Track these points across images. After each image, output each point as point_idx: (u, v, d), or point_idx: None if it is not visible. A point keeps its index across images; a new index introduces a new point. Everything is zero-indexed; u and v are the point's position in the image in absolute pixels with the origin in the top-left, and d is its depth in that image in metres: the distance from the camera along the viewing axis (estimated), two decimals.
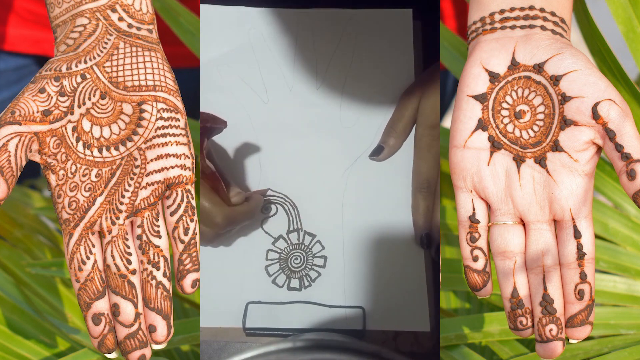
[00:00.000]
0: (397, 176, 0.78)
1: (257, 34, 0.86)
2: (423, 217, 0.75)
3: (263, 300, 0.73)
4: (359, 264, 0.74)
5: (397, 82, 0.83)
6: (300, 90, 0.83)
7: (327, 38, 0.86)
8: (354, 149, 0.80)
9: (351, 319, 0.72)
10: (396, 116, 0.80)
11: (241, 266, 0.75)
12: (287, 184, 0.78)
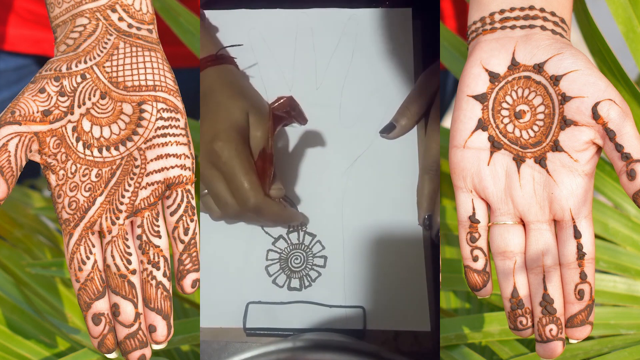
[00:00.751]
0: (397, 176, 0.78)
1: (256, 34, 0.86)
2: (427, 199, 0.74)
3: (263, 300, 0.73)
4: (359, 264, 0.74)
5: (396, 82, 0.83)
6: (300, 90, 0.83)
7: (327, 38, 0.86)
8: (354, 149, 0.80)
9: (351, 318, 0.72)
10: (412, 97, 0.79)
11: (241, 266, 0.75)
12: (287, 183, 0.78)
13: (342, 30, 0.86)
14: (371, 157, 0.80)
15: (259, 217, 0.72)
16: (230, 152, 0.71)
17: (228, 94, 0.75)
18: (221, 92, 0.75)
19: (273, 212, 0.72)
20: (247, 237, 0.77)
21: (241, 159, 0.71)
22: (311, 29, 0.87)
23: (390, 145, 0.80)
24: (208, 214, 0.73)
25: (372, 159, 0.79)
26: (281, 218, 0.73)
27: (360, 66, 0.84)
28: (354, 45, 0.86)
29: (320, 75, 0.84)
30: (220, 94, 0.75)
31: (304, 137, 0.81)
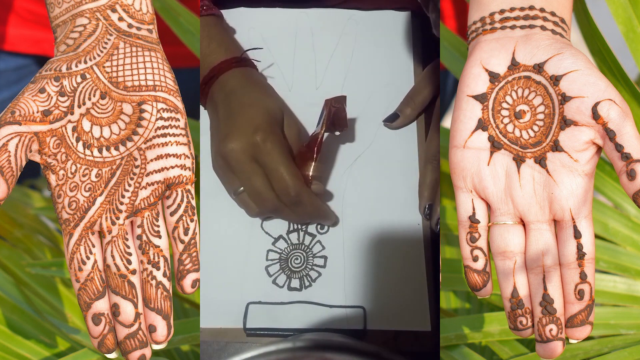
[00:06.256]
0: (397, 176, 0.78)
1: (256, 34, 0.86)
2: (429, 189, 0.75)
3: (263, 301, 0.73)
4: (359, 264, 0.74)
5: (396, 82, 0.83)
6: (300, 90, 0.83)
7: (326, 38, 0.86)
8: (354, 148, 0.80)
9: (352, 318, 0.72)
10: (417, 88, 0.80)
11: (241, 266, 0.75)
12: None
13: (342, 30, 0.86)
14: (371, 156, 0.80)
15: (298, 209, 0.72)
16: (273, 144, 0.71)
17: (262, 92, 0.76)
18: (255, 89, 0.76)
19: (313, 205, 0.73)
20: (247, 237, 0.77)
21: (282, 150, 0.71)
22: (311, 28, 0.87)
23: (390, 145, 0.80)
24: (245, 210, 0.73)
25: (372, 158, 0.79)
26: (319, 212, 0.74)
27: (360, 66, 0.84)
28: (353, 45, 0.86)
29: (320, 75, 0.84)
30: (254, 91, 0.75)
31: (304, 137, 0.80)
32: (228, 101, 0.74)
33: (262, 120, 0.73)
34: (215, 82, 0.76)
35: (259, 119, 0.73)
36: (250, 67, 0.79)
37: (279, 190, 0.71)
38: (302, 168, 0.73)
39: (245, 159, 0.71)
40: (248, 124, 0.72)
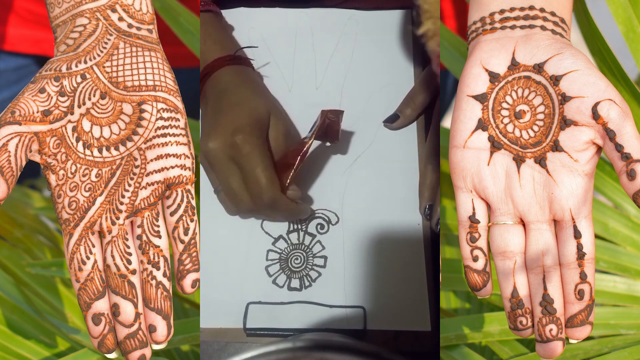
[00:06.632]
0: (397, 176, 0.78)
1: (256, 34, 0.86)
2: (429, 190, 0.75)
3: (263, 301, 0.73)
4: (359, 264, 0.74)
5: (396, 82, 0.83)
6: (300, 90, 0.83)
7: (327, 38, 0.86)
8: (354, 149, 0.80)
9: (352, 318, 0.72)
10: (417, 89, 0.80)
11: (241, 266, 0.75)
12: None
13: (342, 30, 0.86)
14: (371, 156, 0.80)
15: (272, 213, 0.73)
16: (252, 146, 0.71)
17: (251, 91, 0.76)
18: (245, 89, 0.75)
19: (288, 209, 0.73)
20: (247, 237, 0.77)
21: (261, 153, 0.71)
22: (311, 28, 0.87)
23: (390, 145, 0.80)
24: (223, 207, 0.74)
25: (372, 158, 0.79)
26: (294, 214, 0.75)
27: (360, 66, 0.84)
28: (353, 45, 0.86)
29: (320, 75, 0.84)
30: (243, 90, 0.75)
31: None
32: (217, 99, 0.74)
33: (246, 121, 0.72)
34: (208, 80, 0.76)
35: (243, 120, 0.72)
36: (245, 65, 0.79)
37: (253, 194, 0.71)
38: (281, 173, 0.72)
39: (224, 159, 0.71)
40: (230, 124, 0.72)
